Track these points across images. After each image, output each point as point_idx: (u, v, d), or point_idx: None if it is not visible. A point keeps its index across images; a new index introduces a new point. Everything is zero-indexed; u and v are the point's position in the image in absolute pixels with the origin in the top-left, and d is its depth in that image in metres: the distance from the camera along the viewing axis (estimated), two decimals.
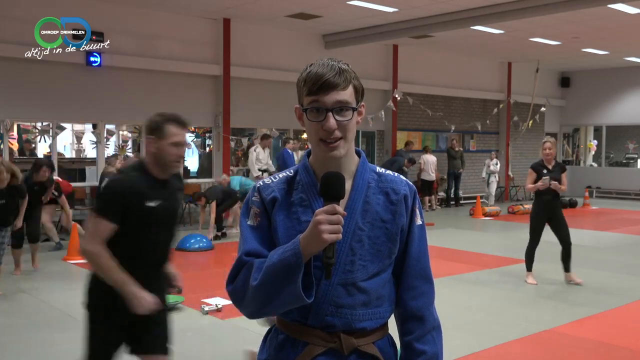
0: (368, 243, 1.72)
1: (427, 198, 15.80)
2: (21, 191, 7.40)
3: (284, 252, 1.63)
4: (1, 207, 6.93)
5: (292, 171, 1.82)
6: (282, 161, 12.49)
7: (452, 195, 16.79)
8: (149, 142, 2.95)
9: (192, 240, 9.76)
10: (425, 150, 16.10)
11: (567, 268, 7.48)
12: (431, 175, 15.79)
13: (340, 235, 1.58)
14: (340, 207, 1.59)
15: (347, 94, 1.68)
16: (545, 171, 7.30)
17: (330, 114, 1.66)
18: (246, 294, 1.69)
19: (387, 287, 1.79)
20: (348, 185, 1.73)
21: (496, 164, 16.76)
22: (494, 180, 16.84)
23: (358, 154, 1.81)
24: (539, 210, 7.53)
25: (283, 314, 1.75)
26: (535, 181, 7.33)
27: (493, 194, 16.95)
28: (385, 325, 1.81)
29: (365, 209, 1.74)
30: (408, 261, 1.80)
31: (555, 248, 8.68)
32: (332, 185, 1.62)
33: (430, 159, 15.80)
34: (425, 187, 15.79)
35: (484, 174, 16.88)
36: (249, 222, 1.77)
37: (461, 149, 17.09)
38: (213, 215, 10.83)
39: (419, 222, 1.82)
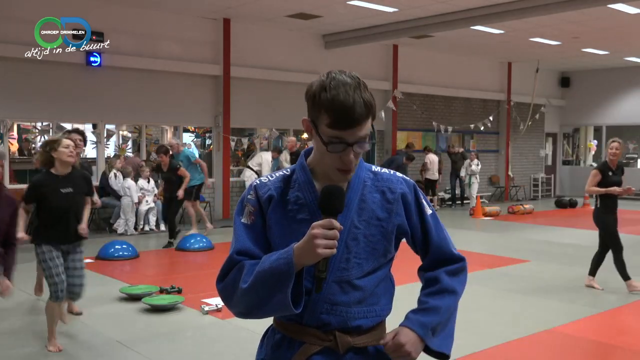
0: (363, 241, 1.73)
1: (428, 198, 15.78)
2: (89, 181, 5.20)
3: (277, 259, 1.62)
4: (68, 199, 4.83)
5: (288, 170, 1.82)
6: None
7: (456, 195, 16.75)
8: None
9: (192, 240, 9.76)
10: (427, 150, 16.07)
11: (625, 276, 7.04)
12: (435, 174, 15.79)
13: (334, 250, 1.57)
14: (337, 223, 1.58)
15: (368, 126, 1.66)
16: (610, 173, 6.95)
17: (350, 148, 1.64)
18: (235, 295, 1.69)
19: (383, 285, 1.79)
20: (344, 184, 1.74)
21: (477, 164, 16.23)
22: (475, 181, 16.23)
23: None
24: (610, 213, 7.12)
25: None
26: (599, 183, 6.91)
27: (474, 195, 16.10)
28: (382, 324, 1.81)
29: (361, 207, 1.74)
30: (431, 251, 1.83)
31: (558, 249, 8.76)
32: (331, 199, 1.61)
33: (434, 159, 15.79)
34: (429, 187, 15.79)
35: (463, 173, 16.34)
36: (242, 220, 1.76)
37: (461, 149, 17.02)
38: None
39: (429, 211, 1.83)
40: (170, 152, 10.10)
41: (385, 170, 1.84)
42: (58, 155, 4.74)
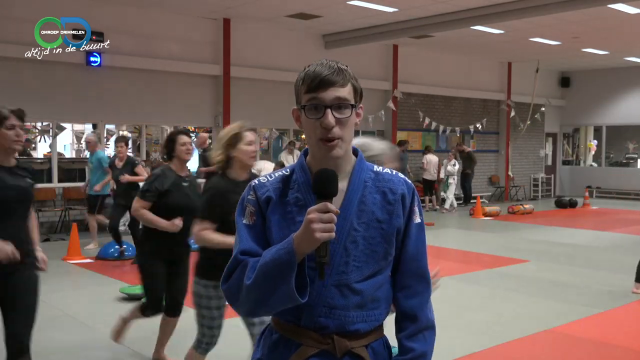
0: (363, 244, 1.71)
1: (427, 198, 15.78)
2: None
3: (277, 250, 1.61)
4: None
5: (288, 170, 1.80)
6: None
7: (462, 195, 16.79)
8: None
9: (192, 240, 9.73)
10: (427, 150, 16.07)
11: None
12: (433, 175, 15.77)
13: (333, 234, 1.56)
14: (333, 205, 1.57)
15: (345, 92, 1.68)
16: None
17: (329, 110, 1.65)
18: (240, 293, 1.67)
19: (384, 289, 1.77)
20: (344, 184, 1.72)
21: (454, 165, 15.61)
22: (452, 182, 15.79)
23: (355, 152, 1.80)
24: None
25: (277, 314, 1.74)
26: None
27: (451, 197, 15.79)
28: (380, 327, 1.79)
29: (360, 209, 1.72)
30: (405, 260, 1.79)
31: (558, 249, 8.65)
32: (324, 183, 1.60)
33: (433, 159, 15.77)
34: (427, 187, 15.77)
35: (442, 175, 16.06)
36: (244, 221, 1.75)
37: (469, 149, 17.00)
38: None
39: (417, 220, 1.80)
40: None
41: (387, 170, 1.82)
42: (238, 154, 3.54)
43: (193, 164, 9.19)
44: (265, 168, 12.09)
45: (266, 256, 1.63)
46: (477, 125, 17.75)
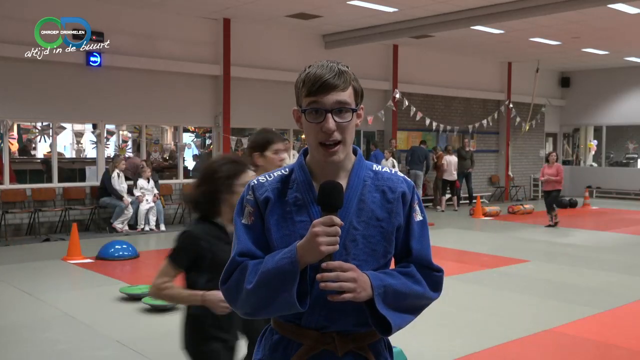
0: (362, 242, 1.70)
1: (445, 198, 15.74)
2: None
3: (280, 259, 1.61)
4: None
5: (287, 170, 1.79)
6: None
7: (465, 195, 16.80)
8: None
9: None
10: (446, 150, 15.98)
11: None
12: (453, 174, 15.74)
13: (337, 247, 1.57)
14: (338, 219, 1.57)
15: (346, 95, 1.67)
16: None
17: (329, 115, 1.64)
18: (239, 296, 1.67)
19: None
20: (344, 183, 1.72)
21: (393, 165, 14.16)
22: None
23: (354, 152, 1.79)
24: None
25: None
26: None
27: None
28: None
29: (360, 208, 1.72)
30: (410, 260, 1.78)
31: (558, 249, 8.64)
32: (330, 195, 1.60)
33: (452, 160, 15.73)
34: (446, 187, 15.76)
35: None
36: (243, 221, 1.75)
37: (471, 149, 17.02)
38: None
39: (418, 218, 1.79)
40: None
41: (386, 169, 1.82)
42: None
43: None
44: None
45: (268, 263, 1.63)
46: (477, 125, 17.72)
